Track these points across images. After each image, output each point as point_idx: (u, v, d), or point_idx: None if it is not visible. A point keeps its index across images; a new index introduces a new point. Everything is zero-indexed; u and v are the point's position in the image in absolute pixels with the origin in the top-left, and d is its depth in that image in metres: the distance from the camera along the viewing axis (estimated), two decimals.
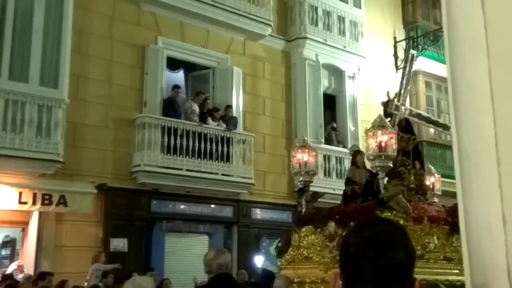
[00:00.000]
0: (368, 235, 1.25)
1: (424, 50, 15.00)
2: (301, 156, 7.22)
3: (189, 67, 12.44)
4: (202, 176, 10.92)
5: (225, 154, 11.36)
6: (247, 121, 12.38)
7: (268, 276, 6.73)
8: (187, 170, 10.75)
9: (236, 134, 11.68)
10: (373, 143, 6.34)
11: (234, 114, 11.87)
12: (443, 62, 14.29)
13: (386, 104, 7.68)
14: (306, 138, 7.88)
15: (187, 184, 10.83)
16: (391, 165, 6.38)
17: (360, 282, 1.22)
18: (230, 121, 11.65)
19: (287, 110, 13.16)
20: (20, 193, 9.05)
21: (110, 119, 10.50)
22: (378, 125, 6.47)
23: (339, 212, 6.35)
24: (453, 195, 2.23)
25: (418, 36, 15.39)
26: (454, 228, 6.10)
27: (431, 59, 14.98)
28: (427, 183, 8.06)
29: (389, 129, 6.47)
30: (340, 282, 1.28)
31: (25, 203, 9.08)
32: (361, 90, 14.15)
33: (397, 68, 15.28)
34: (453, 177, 2.15)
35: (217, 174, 11.17)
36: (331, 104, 13.99)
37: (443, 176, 13.62)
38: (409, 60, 8.37)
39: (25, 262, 9.29)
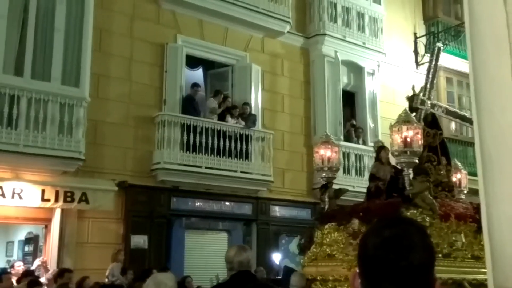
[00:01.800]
0: (388, 235, 1.25)
1: (445, 46, 14.80)
2: (324, 152, 7.12)
3: (208, 65, 12.47)
4: (221, 174, 10.96)
5: (244, 151, 11.38)
6: (266, 118, 12.38)
7: (290, 273, 6.72)
8: (206, 167, 10.80)
9: (255, 131, 11.69)
10: (398, 139, 6.17)
11: (253, 112, 11.88)
12: (464, 57, 14.10)
13: (411, 99, 7.52)
14: (329, 134, 7.77)
15: (207, 181, 10.88)
16: (417, 161, 6.23)
17: (379, 283, 1.22)
18: (249, 118, 11.66)
19: (306, 107, 13.12)
20: (43, 191, 9.19)
21: (130, 117, 10.59)
22: (403, 120, 6.29)
23: (362, 209, 6.25)
24: (475, 192, 2.21)
25: (439, 32, 15.19)
26: (482, 226, 6.04)
27: (452, 55, 14.77)
28: (454, 179, 7.91)
29: (415, 124, 6.30)
30: (359, 281, 1.28)
31: (48, 200, 9.22)
32: (380, 87, 14.04)
33: (417, 64, 15.13)
34: (475, 174, 2.13)
35: (236, 171, 11.20)
36: (350, 101, 13.90)
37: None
38: (435, 53, 8.17)
39: (48, 259, 9.43)
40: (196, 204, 11.15)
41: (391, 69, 14.49)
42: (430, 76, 7.97)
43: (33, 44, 9.33)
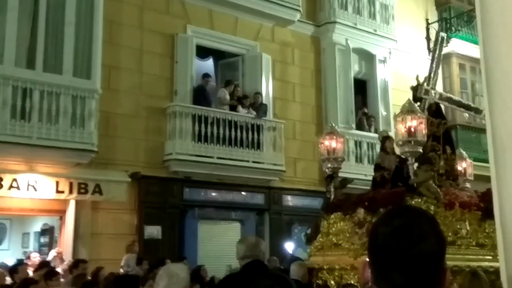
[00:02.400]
0: (398, 224, 1.25)
1: (457, 32, 14.64)
2: (329, 143, 7.16)
3: (218, 55, 12.45)
4: (233, 164, 10.98)
5: (255, 141, 11.38)
6: (277, 108, 12.36)
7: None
8: (218, 158, 10.83)
9: (266, 121, 11.68)
10: (402, 129, 6.21)
11: (264, 101, 11.86)
12: (477, 43, 13.89)
13: (415, 89, 7.53)
14: (334, 125, 7.80)
15: (219, 171, 10.91)
16: (421, 150, 6.25)
17: (390, 272, 1.23)
18: (260, 108, 11.65)
19: (317, 96, 13.07)
20: (57, 182, 9.28)
21: (141, 108, 10.63)
22: (407, 110, 6.32)
23: (368, 198, 6.28)
24: (488, 179, 2.20)
25: (451, 18, 15.00)
26: (486, 214, 5.97)
27: (465, 41, 14.60)
28: (459, 168, 7.91)
29: (419, 114, 6.32)
30: (370, 271, 1.29)
31: (62, 192, 9.31)
32: (392, 74, 13.93)
33: (429, 50, 14.94)
34: (488, 161, 2.11)
35: (248, 161, 11.21)
36: (362, 89, 13.82)
37: (478, 160, 13.32)
38: (438, 42, 8.12)
39: (64, 250, 9.56)
40: (209, 195, 11.21)
41: (403, 56, 14.36)
42: (434, 65, 7.95)
43: (44, 37, 9.38)
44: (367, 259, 1.32)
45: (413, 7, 15.08)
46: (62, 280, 7.31)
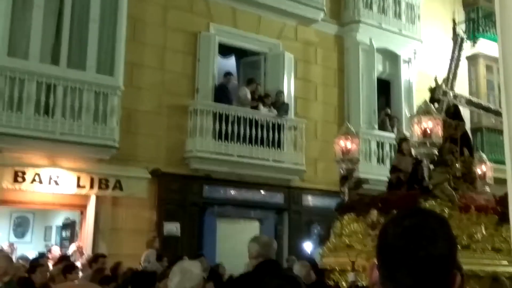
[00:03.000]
0: (408, 225, 1.22)
1: (485, 32, 14.35)
2: (344, 144, 7.12)
3: (241, 53, 12.45)
4: (254, 162, 10.96)
5: (276, 140, 11.34)
6: (298, 107, 12.29)
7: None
8: (238, 156, 10.82)
9: (287, 120, 11.63)
10: (418, 130, 6.13)
11: (286, 100, 11.81)
12: None
13: (433, 90, 7.43)
14: (349, 125, 7.75)
15: (239, 170, 10.91)
16: (437, 152, 6.15)
17: (398, 273, 1.20)
18: (281, 107, 11.60)
19: (340, 96, 12.96)
20: (79, 178, 9.40)
21: (163, 105, 10.69)
22: (423, 111, 6.23)
23: (381, 200, 6.22)
24: None
25: (479, 18, 14.71)
26: (503, 218, 5.84)
27: (493, 41, 14.28)
28: (478, 171, 7.76)
29: (435, 115, 6.22)
30: (378, 272, 1.25)
31: (83, 187, 9.43)
32: (417, 75, 13.72)
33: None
34: None
35: (268, 160, 11.18)
36: (385, 89, 13.65)
37: (504, 163, 13.08)
38: (458, 43, 7.99)
39: (84, 244, 9.67)
40: (228, 193, 11.21)
41: (428, 57, 14.13)
42: (453, 66, 7.82)
43: (69, 34, 9.51)
44: (375, 260, 1.28)
45: (439, 7, 14.82)
46: (81, 274, 7.40)
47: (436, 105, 6.99)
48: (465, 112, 13.59)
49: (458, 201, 5.88)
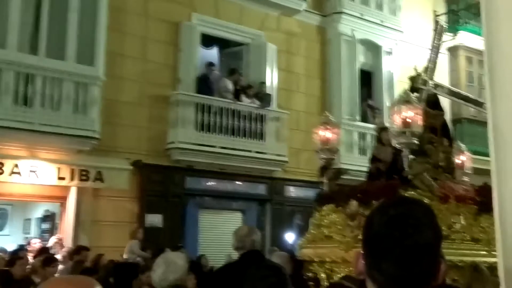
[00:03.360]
0: (393, 214, 1.21)
1: (465, 24, 14.47)
2: (324, 133, 7.06)
3: (223, 44, 12.36)
4: (236, 154, 10.94)
5: (258, 131, 11.32)
6: (281, 98, 12.27)
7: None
8: (221, 147, 10.79)
9: (269, 111, 11.61)
10: (397, 119, 6.03)
11: (268, 91, 11.78)
12: None
13: (413, 79, 7.39)
14: (329, 115, 7.68)
15: (221, 161, 10.88)
16: (416, 142, 6.07)
17: (384, 262, 1.19)
18: (264, 98, 11.57)
19: (322, 87, 12.97)
20: (59, 169, 9.27)
21: (145, 96, 10.58)
22: (403, 100, 6.13)
23: (361, 190, 6.12)
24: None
25: (459, 9, 14.83)
26: (482, 208, 5.83)
27: (473, 33, 14.43)
28: (457, 161, 7.78)
29: (414, 104, 6.12)
30: (363, 262, 1.25)
31: (63, 178, 9.31)
32: (398, 66, 13.80)
33: None
34: None
35: (250, 151, 11.17)
36: (367, 80, 13.70)
37: (484, 154, 13.24)
38: (438, 32, 7.94)
39: (64, 236, 9.57)
40: (210, 184, 11.18)
41: (409, 48, 14.21)
42: (433, 55, 7.77)
43: (47, 22, 9.34)
44: (361, 250, 1.27)
45: None
46: (61, 266, 7.32)
47: (417, 94, 6.96)
48: (445, 102, 13.74)
49: (437, 191, 5.83)
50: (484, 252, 5.73)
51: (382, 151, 6.89)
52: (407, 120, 5.96)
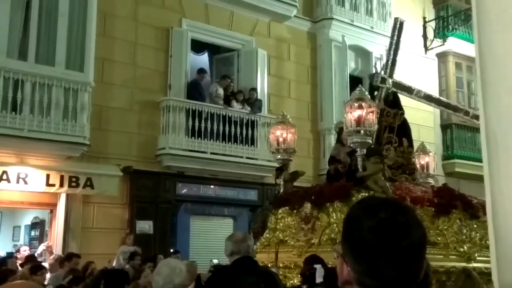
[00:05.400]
0: (384, 217, 1.19)
1: (454, 30, 14.59)
2: (280, 133, 6.84)
3: (214, 50, 12.36)
4: (227, 160, 10.91)
5: (249, 137, 11.31)
6: (272, 103, 12.28)
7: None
8: (211, 153, 10.75)
9: (260, 117, 11.60)
10: (351, 117, 5.79)
11: (259, 97, 11.78)
12: (474, 42, 13.80)
13: (372, 77, 7.22)
14: (286, 114, 7.45)
15: (212, 167, 10.84)
16: (370, 141, 5.83)
17: (378, 267, 1.16)
18: (254, 104, 11.57)
19: (313, 92, 12.99)
20: (48, 175, 9.18)
21: (135, 102, 10.54)
22: (356, 97, 5.91)
23: (314, 192, 5.96)
24: (483, 179, 2.13)
25: (448, 16, 14.95)
26: (440, 210, 5.77)
27: (462, 39, 14.55)
28: (422, 162, 7.59)
29: (368, 102, 5.89)
30: (348, 269, 1.21)
31: (53, 185, 9.22)
32: (398, 80, 13.82)
33: (426, 49, 14.94)
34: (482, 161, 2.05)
35: (241, 157, 11.14)
36: (358, 86, 13.71)
37: (474, 159, 13.33)
38: (396, 28, 7.74)
39: (54, 243, 9.48)
40: (202, 190, 11.13)
41: (399, 54, 14.26)
42: (392, 52, 7.55)
43: (37, 28, 9.28)
44: (342, 259, 1.23)
45: (410, 5, 15.00)
46: (49, 274, 7.23)
47: (376, 92, 6.78)
48: (435, 109, 13.82)
49: (392, 193, 5.63)
50: (441, 257, 5.66)
51: (342, 151, 6.62)
52: (361, 118, 5.72)
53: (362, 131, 5.72)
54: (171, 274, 3.29)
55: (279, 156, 6.76)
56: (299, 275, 5.04)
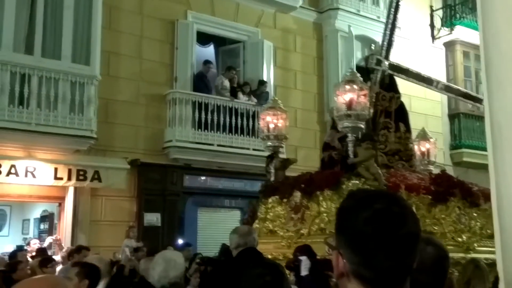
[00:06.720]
0: (379, 207, 1.19)
1: (462, 19, 14.45)
2: (271, 119, 6.43)
3: (220, 42, 12.32)
4: (234, 151, 10.91)
5: (256, 129, 11.28)
6: (278, 95, 12.19)
7: (228, 252, 6.00)
8: (218, 145, 10.76)
9: None
10: (341, 101, 5.49)
11: (265, 89, 11.74)
12: None
13: (366, 59, 6.89)
14: (277, 99, 7.15)
15: (219, 159, 10.85)
16: (362, 125, 5.57)
17: (375, 258, 1.17)
18: (261, 95, 11.54)
19: (319, 83, 12.94)
20: (56, 169, 9.23)
21: (141, 95, 10.55)
22: (348, 80, 5.64)
23: (304, 180, 5.74)
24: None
25: (455, 4, 14.80)
26: (437, 198, 5.50)
27: (470, 28, 14.40)
28: (423, 149, 7.23)
29: (360, 84, 5.61)
30: (344, 261, 1.21)
31: (61, 178, 9.27)
32: (395, 62, 13.74)
33: (433, 38, 14.81)
34: None
35: (248, 149, 11.13)
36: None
37: (482, 149, 13.25)
38: (392, 7, 7.35)
39: (62, 236, 9.54)
40: (209, 182, 11.15)
41: (406, 43, 14.18)
42: (388, 33, 7.18)
43: (42, 22, 9.29)
44: (337, 251, 1.23)
45: None
46: (61, 266, 7.28)
47: (371, 75, 6.45)
48: (443, 97, 13.72)
49: (385, 180, 5.38)
50: None
51: (336, 138, 6.38)
52: (352, 101, 5.42)
53: (353, 115, 5.47)
54: (166, 268, 3.28)
55: (269, 143, 6.47)
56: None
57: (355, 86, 5.56)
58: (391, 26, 7.00)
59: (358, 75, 5.84)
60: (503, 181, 1.88)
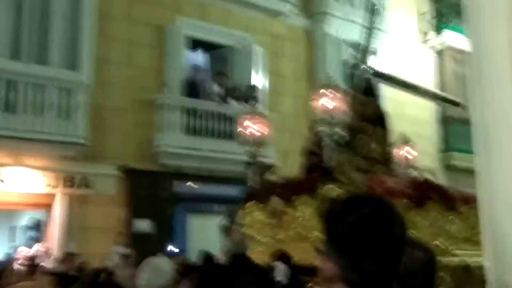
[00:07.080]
0: (366, 211, 1.19)
1: (450, 23, 14.56)
2: (249, 124, 6.44)
3: (209, 47, 12.30)
4: (224, 157, 10.85)
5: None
6: (268, 100, 12.22)
7: (209, 259, 5.76)
8: (208, 151, 10.71)
9: None
10: (318, 105, 5.50)
11: (255, 93, 11.72)
12: None
13: (345, 63, 6.88)
14: (255, 103, 7.12)
15: (209, 165, 10.80)
16: (339, 130, 5.62)
17: (362, 261, 1.16)
18: (251, 100, 11.50)
19: (309, 88, 12.92)
20: (44, 176, 9.15)
21: (131, 101, 10.49)
22: (323, 85, 5.71)
23: (281, 185, 5.77)
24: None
25: (444, 9, 14.90)
26: (414, 202, 5.46)
27: (459, 33, 14.50)
28: (402, 153, 7.20)
29: (336, 89, 5.64)
30: (331, 266, 1.20)
31: (49, 185, 9.19)
32: (384, 66, 13.80)
33: (423, 42, 14.89)
34: None
35: (238, 154, 11.06)
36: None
37: (471, 153, 13.29)
38: (371, 12, 7.42)
39: (51, 244, 9.43)
40: (199, 188, 11.08)
41: (395, 47, 14.25)
42: (367, 37, 7.18)
43: (29, 27, 9.21)
44: (324, 256, 1.21)
45: None
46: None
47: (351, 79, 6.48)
48: (431, 103, 13.77)
49: (362, 184, 5.32)
50: None
51: (315, 142, 6.36)
52: (327, 106, 5.39)
53: (328, 120, 5.46)
54: (152, 276, 3.23)
55: (248, 148, 6.43)
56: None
57: (330, 91, 5.49)
58: (369, 31, 7.04)
59: (334, 79, 5.84)
60: (490, 183, 1.88)
